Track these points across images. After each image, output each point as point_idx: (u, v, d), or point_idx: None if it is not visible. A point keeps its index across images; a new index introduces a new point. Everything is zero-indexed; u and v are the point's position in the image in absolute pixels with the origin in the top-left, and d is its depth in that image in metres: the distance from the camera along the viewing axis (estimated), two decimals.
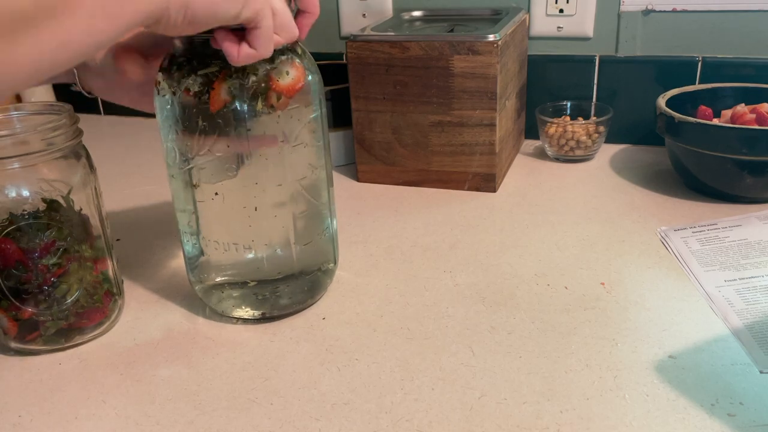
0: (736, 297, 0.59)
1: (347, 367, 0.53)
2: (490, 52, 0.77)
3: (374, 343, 0.56)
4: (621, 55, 0.95)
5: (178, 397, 0.50)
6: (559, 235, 0.72)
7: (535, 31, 0.97)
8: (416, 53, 0.80)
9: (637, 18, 0.92)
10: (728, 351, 0.52)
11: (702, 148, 0.75)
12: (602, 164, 0.91)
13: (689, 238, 0.69)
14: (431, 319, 0.58)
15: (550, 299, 0.60)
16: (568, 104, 0.96)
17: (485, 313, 0.59)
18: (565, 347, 0.54)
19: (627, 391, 0.48)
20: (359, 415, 0.48)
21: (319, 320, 0.59)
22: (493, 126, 0.80)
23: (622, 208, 0.77)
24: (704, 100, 0.83)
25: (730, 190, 0.77)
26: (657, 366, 0.51)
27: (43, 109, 0.57)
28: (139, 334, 0.59)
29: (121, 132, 1.18)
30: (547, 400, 0.48)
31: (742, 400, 0.47)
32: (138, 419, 0.48)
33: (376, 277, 0.66)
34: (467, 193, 0.84)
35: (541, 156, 0.95)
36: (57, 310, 0.55)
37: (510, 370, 0.51)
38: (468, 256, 0.69)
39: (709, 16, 0.89)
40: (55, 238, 0.53)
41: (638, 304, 0.59)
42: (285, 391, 0.50)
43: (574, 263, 0.66)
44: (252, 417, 0.48)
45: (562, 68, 0.97)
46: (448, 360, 0.53)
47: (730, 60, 0.90)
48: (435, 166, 0.85)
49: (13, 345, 0.56)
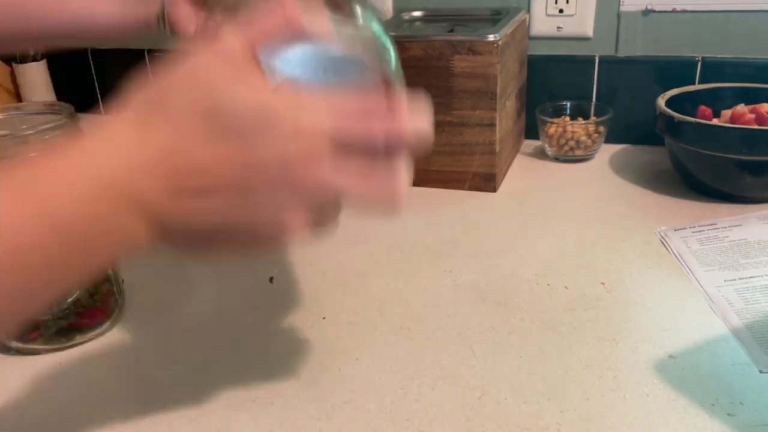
0: (735, 297, 0.59)
1: (347, 367, 0.53)
2: (490, 52, 0.77)
3: (374, 343, 0.56)
4: (621, 55, 0.94)
5: (178, 397, 0.50)
6: (559, 235, 0.72)
7: (535, 31, 0.97)
8: (416, 53, 0.80)
9: (637, 18, 0.92)
10: (728, 351, 0.52)
11: (702, 148, 0.75)
12: (602, 164, 0.91)
13: (689, 237, 0.69)
14: (431, 319, 0.58)
15: (551, 299, 0.60)
16: (568, 104, 0.96)
17: (485, 313, 0.59)
18: (565, 347, 0.54)
19: (627, 391, 0.48)
20: (359, 415, 0.48)
21: (319, 320, 0.59)
22: (493, 126, 0.80)
23: (622, 208, 0.77)
24: (704, 100, 0.83)
25: (730, 190, 0.77)
26: (657, 366, 0.51)
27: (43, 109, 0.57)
28: (139, 333, 0.59)
29: None
30: (547, 400, 0.48)
31: (742, 400, 0.47)
32: (138, 419, 0.48)
33: (376, 277, 0.66)
34: (467, 193, 0.84)
35: (541, 156, 0.95)
36: (57, 309, 0.55)
37: (510, 370, 0.51)
38: (468, 256, 0.69)
39: (709, 16, 0.89)
40: None
41: (638, 304, 0.59)
42: (285, 391, 0.51)
43: (575, 263, 0.66)
44: (252, 417, 0.48)
45: (562, 68, 0.97)
46: (448, 360, 0.53)
47: (730, 60, 0.89)
48: (435, 166, 0.85)
49: (13, 345, 0.56)
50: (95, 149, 0.33)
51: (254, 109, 0.32)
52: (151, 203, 0.33)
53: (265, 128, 0.32)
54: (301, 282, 0.65)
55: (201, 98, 0.33)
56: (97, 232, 0.33)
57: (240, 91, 0.32)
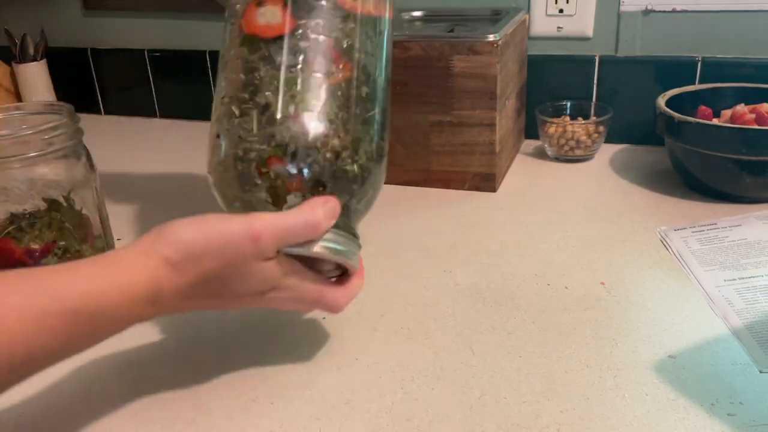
0: (735, 297, 0.59)
1: (347, 367, 0.53)
2: (490, 52, 0.77)
3: (374, 343, 0.56)
4: (621, 55, 0.95)
5: (178, 397, 0.50)
6: (559, 235, 0.72)
7: (535, 31, 0.97)
8: (416, 53, 0.80)
9: (637, 18, 0.92)
10: (728, 351, 0.52)
11: (702, 148, 0.75)
12: (602, 164, 0.91)
13: (689, 237, 0.69)
14: (431, 319, 0.58)
15: (551, 299, 0.60)
16: (568, 104, 0.96)
17: (485, 313, 0.59)
18: (565, 347, 0.54)
19: (627, 391, 0.48)
20: (359, 415, 0.48)
21: (319, 320, 0.59)
22: (493, 126, 0.80)
23: (622, 208, 0.77)
24: (704, 100, 0.83)
25: (730, 190, 0.77)
26: (657, 366, 0.51)
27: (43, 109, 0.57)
28: (139, 333, 0.59)
29: (121, 132, 1.18)
30: (547, 399, 0.48)
31: (742, 400, 0.47)
32: (138, 419, 0.48)
33: (376, 277, 0.66)
34: (467, 193, 0.84)
35: (541, 156, 0.95)
36: None
37: (510, 370, 0.51)
38: (468, 256, 0.69)
39: (709, 16, 0.89)
40: (55, 238, 0.53)
41: (638, 304, 0.59)
42: (285, 391, 0.51)
43: (575, 263, 0.66)
44: (252, 417, 0.48)
45: (562, 68, 0.97)
46: (448, 360, 0.53)
47: (730, 60, 0.90)
48: (435, 166, 0.85)
49: None
50: (125, 265, 0.41)
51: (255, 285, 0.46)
52: (167, 309, 0.43)
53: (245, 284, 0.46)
54: None
55: (226, 271, 0.44)
56: (109, 323, 0.41)
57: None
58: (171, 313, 0.44)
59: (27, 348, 0.36)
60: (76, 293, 0.38)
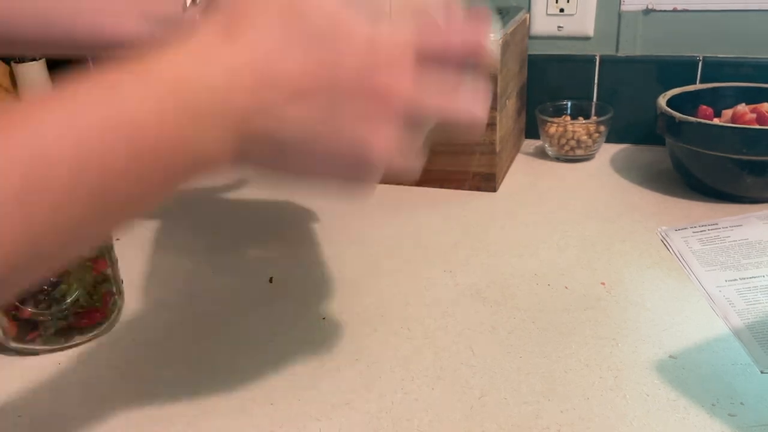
0: (736, 297, 0.58)
1: (347, 367, 0.53)
2: None
3: (374, 343, 0.56)
4: (621, 55, 0.94)
5: (177, 397, 0.50)
6: (559, 235, 0.72)
7: (536, 31, 0.97)
8: None
9: (638, 17, 0.92)
10: (729, 351, 0.52)
11: (702, 147, 0.75)
12: (603, 164, 0.91)
13: (690, 238, 0.69)
14: (431, 319, 0.58)
15: (551, 299, 0.60)
16: (569, 104, 0.95)
17: (485, 313, 0.59)
18: (565, 347, 0.54)
19: (627, 391, 0.48)
20: (359, 415, 0.48)
21: (319, 320, 0.59)
22: (493, 126, 0.80)
23: (623, 208, 0.77)
24: (705, 99, 0.83)
25: (731, 190, 0.77)
26: (657, 366, 0.51)
27: None
28: (138, 334, 0.59)
29: None
30: (547, 400, 0.48)
31: (743, 400, 0.47)
32: (138, 419, 0.48)
33: (376, 277, 0.65)
34: (467, 193, 0.84)
35: (541, 156, 0.95)
36: (56, 309, 0.55)
37: (510, 370, 0.51)
38: (468, 256, 0.69)
39: (710, 15, 0.89)
40: None
41: (639, 304, 0.59)
42: (285, 391, 0.50)
43: (575, 263, 0.66)
44: (252, 417, 0.48)
45: (562, 68, 0.97)
46: (448, 360, 0.53)
47: (731, 60, 0.89)
48: (435, 165, 0.85)
49: (12, 345, 0.56)
50: (180, 61, 0.31)
51: (330, 17, 0.33)
52: (241, 114, 0.32)
53: (340, 36, 0.33)
54: (301, 282, 0.65)
55: (284, 4, 0.33)
56: (174, 146, 0.31)
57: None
58: (258, 154, 0.34)
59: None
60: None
